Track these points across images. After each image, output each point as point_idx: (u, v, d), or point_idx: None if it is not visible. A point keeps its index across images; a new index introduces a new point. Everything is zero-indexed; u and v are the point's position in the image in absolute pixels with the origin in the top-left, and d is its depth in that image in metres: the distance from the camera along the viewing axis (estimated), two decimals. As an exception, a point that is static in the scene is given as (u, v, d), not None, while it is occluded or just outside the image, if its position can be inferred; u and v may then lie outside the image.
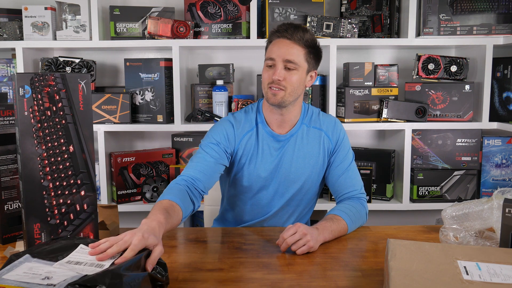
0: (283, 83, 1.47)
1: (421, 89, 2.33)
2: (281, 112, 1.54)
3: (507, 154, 2.32)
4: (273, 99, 1.49)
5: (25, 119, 1.12)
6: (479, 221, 1.26)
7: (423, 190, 2.35)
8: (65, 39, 2.29)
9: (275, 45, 1.49)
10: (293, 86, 1.48)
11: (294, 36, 1.47)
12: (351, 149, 1.63)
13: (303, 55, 1.49)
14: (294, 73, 1.48)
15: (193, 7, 2.35)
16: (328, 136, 1.59)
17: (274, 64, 1.48)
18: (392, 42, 2.30)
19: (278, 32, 1.50)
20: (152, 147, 2.58)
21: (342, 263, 1.22)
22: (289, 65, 1.47)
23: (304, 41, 1.48)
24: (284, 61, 1.47)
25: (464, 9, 2.25)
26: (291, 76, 1.48)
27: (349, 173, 1.58)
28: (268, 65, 1.50)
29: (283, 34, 1.48)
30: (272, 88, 1.48)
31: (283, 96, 1.48)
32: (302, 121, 1.59)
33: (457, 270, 0.93)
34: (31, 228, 1.15)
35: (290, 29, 1.48)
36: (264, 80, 1.52)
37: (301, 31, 1.48)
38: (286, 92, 1.48)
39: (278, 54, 1.47)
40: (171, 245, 1.34)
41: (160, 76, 2.32)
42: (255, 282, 1.10)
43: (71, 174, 1.19)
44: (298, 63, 1.48)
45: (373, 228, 1.49)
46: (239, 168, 1.57)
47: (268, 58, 1.50)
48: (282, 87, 1.47)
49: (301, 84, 1.51)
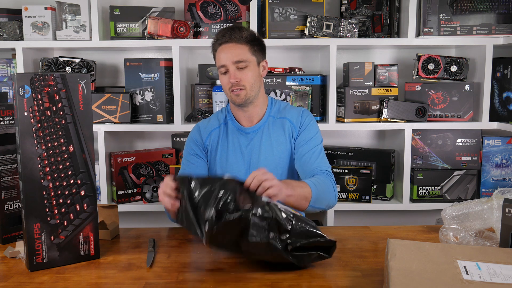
0: (241, 83, 1.58)
1: (421, 89, 2.33)
2: (246, 108, 1.64)
3: (507, 154, 2.32)
4: (238, 99, 1.59)
5: (25, 119, 1.13)
6: (479, 221, 1.26)
7: (423, 190, 2.35)
8: (65, 39, 2.29)
9: (221, 52, 1.60)
10: (250, 82, 1.59)
11: (233, 37, 1.58)
12: (320, 136, 1.65)
13: (248, 50, 1.59)
14: (247, 70, 1.58)
15: (193, 7, 2.35)
16: (292, 122, 1.65)
17: (227, 69, 1.59)
18: (392, 42, 2.30)
19: (218, 40, 1.61)
20: (152, 147, 2.58)
21: (342, 263, 1.22)
22: (240, 65, 1.57)
23: (244, 39, 1.58)
24: (234, 63, 1.57)
25: (464, 9, 2.25)
26: (246, 74, 1.58)
27: (314, 153, 1.59)
28: (222, 72, 1.61)
29: (223, 39, 1.59)
30: (233, 90, 1.58)
31: (245, 94, 1.59)
32: (269, 113, 1.68)
33: (457, 270, 0.93)
34: (31, 228, 1.15)
35: (227, 33, 1.59)
36: (224, 87, 1.62)
37: (237, 30, 1.59)
38: (247, 89, 1.58)
39: (226, 58, 1.58)
40: (171, 245, 1.34)
41: (160, 76, 2.32)
42: (255, 282, 1.10)
43: (71, 174, 1.19)
44: (246, 60, 1.58)
45: (373, 228, 1.49)
46: (212, 163, 1.67)
47: (220, 66, 1.61)
48: (241, 86, 1.58)
49: (257, 77, 1.62)
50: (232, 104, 1.67)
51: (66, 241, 1.19)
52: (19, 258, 1.25)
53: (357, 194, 2.36)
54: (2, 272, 1.17)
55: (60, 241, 1.18)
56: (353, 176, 2.35)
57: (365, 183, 2.35)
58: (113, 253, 1.30)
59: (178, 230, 1.50)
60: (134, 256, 1.27)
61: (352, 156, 2.41)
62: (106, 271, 1.18)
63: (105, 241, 1.38)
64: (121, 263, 1.22)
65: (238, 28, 1.59)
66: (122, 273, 1.16)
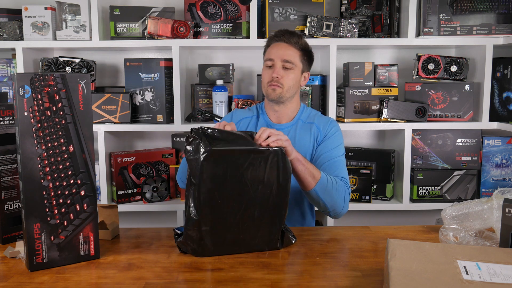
0: (281, 81, 1.65)
1: (421, 89, 2.33)
2: (278, 107, 1.71)
3: (507, 154, 2.32)
4: (272, 94, 1.66)
5: (25, 119, 1.12)
6: (479, 221, 1.26)
7: (423, 190, 2.35)
8: (65, 39, 2.29)
9: (274, 48, 1.69)
10: (289, 84, 1.66)
11: (291, 40, 1.67)
12: (343, 148, 1.69)
13: (299, 56, 1.68)
14: (291, 72, 1.66)
15: (193, 7, 2.35)
16: (319, 128, 1.71)
17: (273, 64, 1.67)
18: (392, 42, 2.30)
19: (276, 37, 1.69)
20: (152, 147, 2.58)
21: (342, 263, 1.22)
22: (286, 65, 1.65)
23: (299, 45, 1.68)
24: (282, 61, 1.65)
25: (464, 9, 2.25)
26: (288, 74, 1.66)
27: (335, 163, 1.62)
28: (268, 65, 1.69)
29: (281, 38, 1.68)
30: (272, 85, 1.66)
31: (281, 92, 1.66)
32: (299, 117, 1.74)
33: (457, 270, 0.93)
34: (31, 228, 1.15)
35: (287, 34, 1.68)
36: (264, 79, 1.70)
37: (296, 36, 1.68)
38: (284, 89, 1.66)
39: (277, 55, 1.66)
40: (171, 245, 1.34)
41: (160, 76, 2.32)
42: (255, 282, 1.10)
43: (71, 174, 1.19)
44: (294, 63, 1.66)
45: (373, 228, 1.49)
46: None
47: (267, 59, 1.69)
48: (280, 84, 1.65)
49: (297, 82, 1.69)
50: (266, 100, 1.74)
51: (66, 241, 1.19)
52: (19, 258, 1.25)
53: (357, 194, 2.36)
54: (2, 272, 1.17)
55: (60, 241, 1.18)
56: (353, 176, 2.35)
57: (365, 183, 2.34)
58: (113, 253, 1.30)
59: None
60: (134, 256, 1.27)
61: (352, 156, 2.41)
62: (106, 271, 1.18)
63: (105, 241, 1.38)
64: (121, 263, 1.22)
65: (297, 34, 1.69)
66: (122, 273, 1.16)
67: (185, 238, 1.24)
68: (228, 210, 1.24)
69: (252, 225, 1.26)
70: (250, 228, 1.26)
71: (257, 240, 1.28)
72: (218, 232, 1.24)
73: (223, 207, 1.23)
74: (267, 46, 1.73)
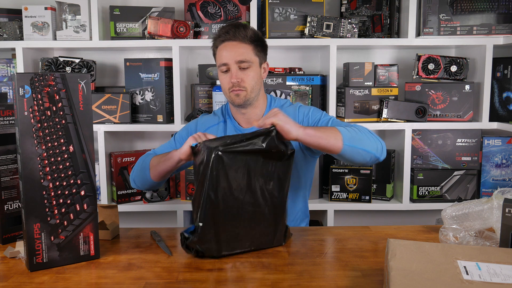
0: (242, 84, 1.53)
1: (421, 89, 2.33)
2: (245, 110, 1.60)
3: (507, 154, 2.32)
4: (237, 100, 1.55)
5: (25, 119, 1.12)
6: (479, 221, 1.26)
7: (423, 190, 2.35)
8: (65, 39, 2.29)
9: (223, 50, 1.54)
10: (251, 83, 1.54)
11: (237, 35, 1.52)
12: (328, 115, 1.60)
13: (252, 50, 1.54)
14: (249, 70, 1.54)
15: (193, 7, 2.35)
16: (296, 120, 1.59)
17: (229, 68, 1.54)
18: (392, 42, 2.30)
19: (221, 37, 1.55)
20: (152, 147, 2.58)
21: (342, 263, 1.22)
22: (242, 65, 1.53)
23: (248, 38, 1.53)
24: (236, 63, 1.52)
25: (464, 9, 2.25)
26: (247, 74, 1.54)
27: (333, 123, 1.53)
28: (223, 70, 1.56)
29: (226, 36, 1.53)
30: (234, 90, 1.54)
31: (245, 95, 1.54)
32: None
33: (457, 270, 0.93)
34: (31, 228, 1.15)
35: (231, 30, 1.53)
36: (224, 86, 1.57)
37: (242, 28, 1.53)
38: (247, 91, 1.54)
39: (229, 57, 1.52)
40: (171, 245, 1.34)
41: (160, 76, 2.32)
42: (255, 282, 1.10)
43: (71, 174, 1.19)
44: (250, 60, 1.53)
45: (373, 228, 1.49)
46: None
47: (220, 65, 1.55)
48: (242, 88, 1.53)
49: (258, 79, 1.57)
50: (231, 104, 1.64)
51: (66, 241, 1.19)
52: (19, 258, 1.25)
53: (357, 194, 2.36)
54: (2, 272, 1.17)
55: (60, 241, 1.18)
56: (353, 176, 2.35)
57: (365, 183, 2.35)
58: (113, 253, 1.30)
59: (179, 230, 1.51)
60: (134, 256, 1.27)
61: (352, 156, 2.41)
62: (106, 271, 1.18)
63: (105, 241, 1.38)
64: (121, 263, 1.22)
65: (242, 26, 1.54)
66: (122, 273, 1.16)
67: (200, 237, 1.22)
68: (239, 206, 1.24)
69: (263, 220, 1.27)
70: (260, 224, 1.27)
71: (268, 237, 1.29)
72: (230, 230, 1.24)
73: (234, 205, 1.23)
74: (215, 48, 1.58)
